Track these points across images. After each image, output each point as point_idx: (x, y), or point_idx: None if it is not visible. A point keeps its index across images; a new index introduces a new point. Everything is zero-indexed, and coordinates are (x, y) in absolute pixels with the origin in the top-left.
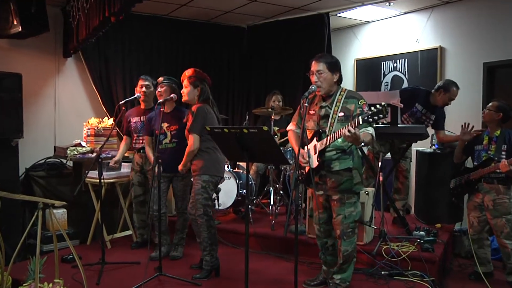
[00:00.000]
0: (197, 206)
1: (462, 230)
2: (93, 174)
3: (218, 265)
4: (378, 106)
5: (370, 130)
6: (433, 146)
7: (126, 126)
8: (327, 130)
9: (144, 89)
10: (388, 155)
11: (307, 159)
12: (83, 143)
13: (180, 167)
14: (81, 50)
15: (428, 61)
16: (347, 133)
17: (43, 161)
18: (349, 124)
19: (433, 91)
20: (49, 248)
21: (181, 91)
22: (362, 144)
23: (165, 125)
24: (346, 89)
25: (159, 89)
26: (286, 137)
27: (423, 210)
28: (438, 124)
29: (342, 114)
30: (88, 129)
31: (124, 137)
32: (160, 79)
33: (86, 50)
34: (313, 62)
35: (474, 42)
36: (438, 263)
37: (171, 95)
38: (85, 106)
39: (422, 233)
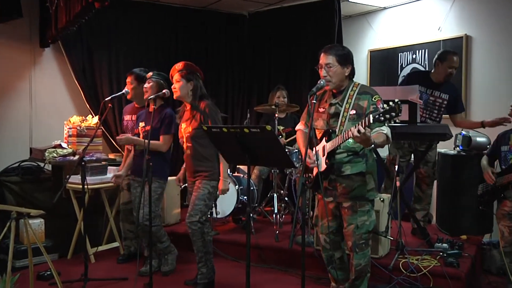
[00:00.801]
0: (193, 212)
1: (492, 242)
2: (75, 179)
3: (213, 278)
4: (391, 103)
5: (385, 130)
6: (457, 148)
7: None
8: (337, 130)
9: (127, 86)
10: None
11: (314, 159)
12: (64, 145)
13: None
14: (60, 39)
15: None
16: (356, 133)
17: (17, 164)
18: (360, 123)
19: (432, 70)
20: (22, 263)
21: (172, 87)
22: (372, 146)
23: (141, 124)
24: (359, 84)
25: (145, 85)
26: (292, 137)
27: (447, 219)
28: (455, 106)
29: (353, 112)
30: (70, 128)
31: None
32: (149, 74)
33: (66, 40)
34: (322, 54)
35: (505, 30)
36: (465, 280)
37: (164, 91)
38: (66, 103)
39: (445, 245)
